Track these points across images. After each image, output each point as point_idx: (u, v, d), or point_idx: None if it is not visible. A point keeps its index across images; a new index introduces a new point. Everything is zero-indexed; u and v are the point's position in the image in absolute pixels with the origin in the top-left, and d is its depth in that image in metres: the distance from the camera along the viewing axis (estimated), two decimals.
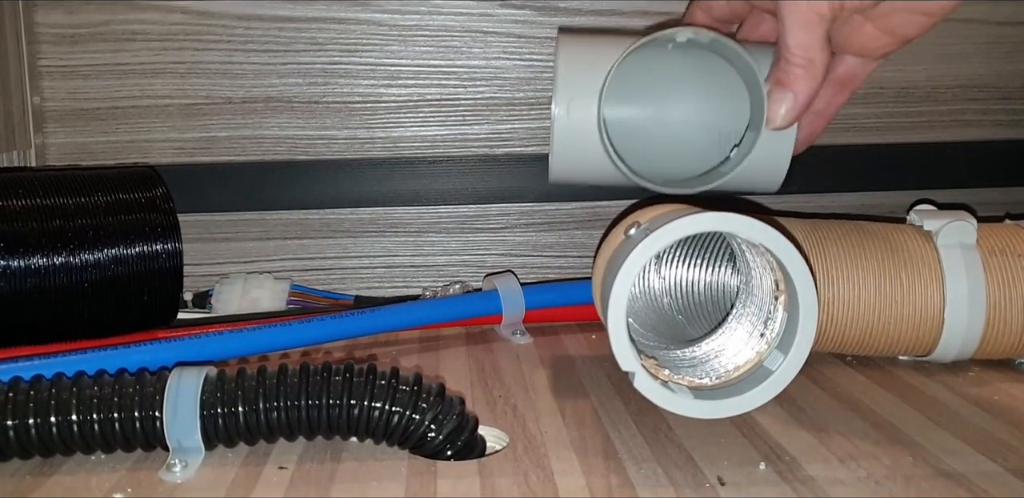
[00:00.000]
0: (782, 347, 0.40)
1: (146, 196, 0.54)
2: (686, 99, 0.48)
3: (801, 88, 0.42)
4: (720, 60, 0.47)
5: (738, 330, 0.44)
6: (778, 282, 0.41)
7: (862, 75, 0.46)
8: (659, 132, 0.48)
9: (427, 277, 0.69)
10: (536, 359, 0.54)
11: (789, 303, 0.40)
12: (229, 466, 0.39)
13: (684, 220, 0.38)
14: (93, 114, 0.65)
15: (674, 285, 0.49)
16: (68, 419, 0.38)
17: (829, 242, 0.49)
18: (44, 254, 0.48)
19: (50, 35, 0.63)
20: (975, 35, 0.68)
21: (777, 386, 0.39)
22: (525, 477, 0.37)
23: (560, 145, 0.46)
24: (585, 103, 0.45)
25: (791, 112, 0.43)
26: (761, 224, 0.38)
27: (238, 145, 0.66)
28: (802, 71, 0.42)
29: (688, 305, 0.49)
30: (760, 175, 0.47)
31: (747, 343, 0.43)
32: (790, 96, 0.42)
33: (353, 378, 0.39)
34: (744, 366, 0.42)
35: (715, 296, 0.49)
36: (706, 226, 0.38)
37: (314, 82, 0.65)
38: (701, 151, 0.48)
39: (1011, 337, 0.48)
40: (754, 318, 0.43)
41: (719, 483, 0.37)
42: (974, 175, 0.70)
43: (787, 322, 0.40)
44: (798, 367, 0.39)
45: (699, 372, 0.43)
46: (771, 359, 0.40)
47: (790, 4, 0.41)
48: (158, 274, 0.52)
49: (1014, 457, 0.39)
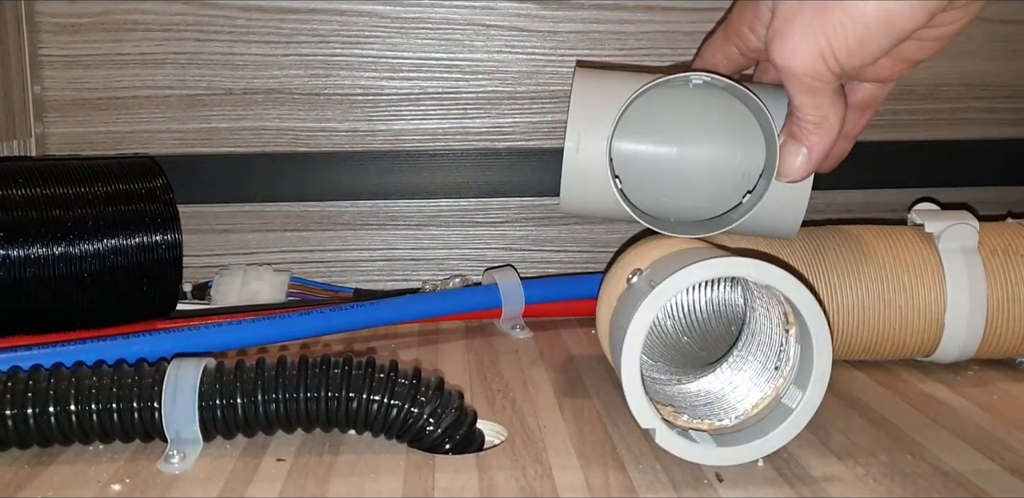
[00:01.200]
0: (799, 382, 0.39)
1: (146, 186, 0.53)
2: (707, 138, 0.47)
3: (815, 143, 0.41)
4: (739, 102, 0.47)
5: (751, 361, 0.43)
6: (787, 314, 0.40)
7: (881, 96, 0.45)
8: (678, 169, 0.47)
9: (427, 270, 0.69)
10: (535, 354, 0.54)
11: (801, 335, 0.39)
12: (227, 458, 0.39)
13: (689, 270, 0.37)
14: (94, 104, 0.64)
15: (676, 307, 0.48)
16: (67, 409, 0.38)
17: (828, 251, 0.49)
18: (44, 244, 0.48)
19: (51, 24, 0.63)
20: (980, 33, 0.68)
21: (798, 425, 0.38)
22: (523, 471, 0.37)
23: (569, 178, 0.46)
24: (595, 139, 0.45)
25: (805, 166, 0.42)
26: (767, 266, 0.37)
27: (239, 136, 0.66)
28: (815, 127, 0.41)
29: (693, 325, 0.49)
30: (774, 222, 0.46)
31: (762, 375, 0.42)
32: (804, 151, 0.41)
33: (352, 371, 0.39)
34: (762, 403, 0.41)
35: (719, 312, 0.49)
36: (712, 273, 0.37)
37: (315, 74, 0.65)
38: (720, 191, 0.47)
39: (1013, 338, 0.48)
40: (766, 348, 0.42)
41: (717, 480, 0.37)
42: (976, 173, 0.70)
43: (801, 355, 0.39)
44: (816, 405, 0.38)
45: (717, 411, 0.42)
46: (789, 396, 0.39)
47: (786, 71, 0.39)
48: (157, 265, 0.52)
49: (1012, 456, 0.39)
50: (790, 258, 0.48)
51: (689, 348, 0.49)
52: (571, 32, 0.65)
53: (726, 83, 0.44)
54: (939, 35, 0.39)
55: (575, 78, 0.46)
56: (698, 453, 0.37)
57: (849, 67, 0.38)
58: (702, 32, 0.65)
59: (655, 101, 0.47)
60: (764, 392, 0.41)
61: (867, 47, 0.37)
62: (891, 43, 0.37)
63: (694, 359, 0.48)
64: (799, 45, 0.37)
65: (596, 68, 0.48)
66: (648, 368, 0.46)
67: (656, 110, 0.47)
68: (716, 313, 0.49)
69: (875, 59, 0.38)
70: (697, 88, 0.46)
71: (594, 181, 0.45)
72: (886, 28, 0.36)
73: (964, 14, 0.38)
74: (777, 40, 0.38)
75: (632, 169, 0.48)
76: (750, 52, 0.46)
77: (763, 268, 0.37)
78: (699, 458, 0.37)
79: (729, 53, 0.46)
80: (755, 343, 0.43)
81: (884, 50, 0.37)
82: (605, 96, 0.45)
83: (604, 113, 0.45)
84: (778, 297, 0.39)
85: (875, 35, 0.36)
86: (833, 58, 0.37)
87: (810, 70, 0.38)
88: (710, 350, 0.48)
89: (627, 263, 0.45)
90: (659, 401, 0.41)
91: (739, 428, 0.40)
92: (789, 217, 0.46)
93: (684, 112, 0.47)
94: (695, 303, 0.49)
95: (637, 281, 0.41)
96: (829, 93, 0.39)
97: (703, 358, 0.47)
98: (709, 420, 0.41)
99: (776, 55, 0.39)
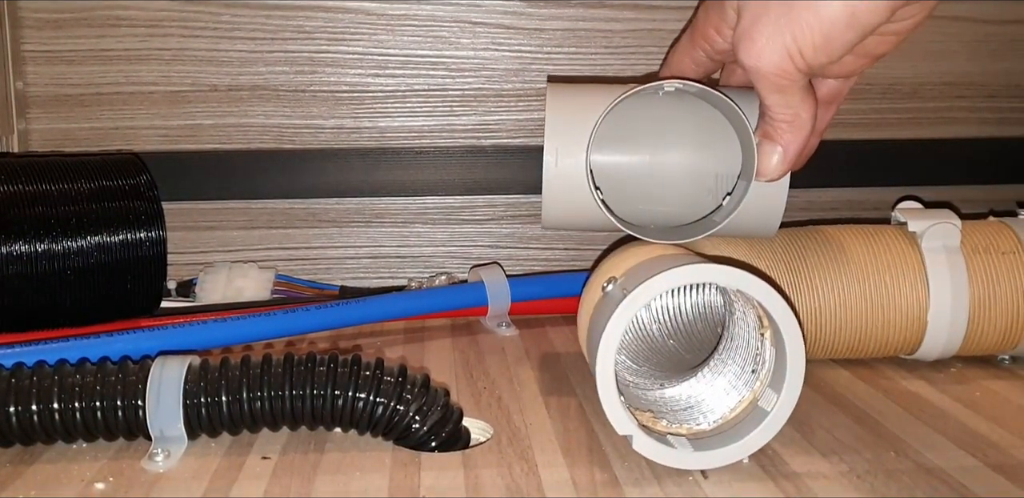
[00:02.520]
0: (774, 385, 0.39)
1: (130, 183, 0.53)
2: (681, 144, 0.48)
3: (790, 141, 0.42)
4: (711, 107, 0.47)
5: (730, 364, 0.43)
6: (761, 318, 0.40)
7: (844, 90, 0.46)
8: (655, 177, 0.48)
9: (413, 268, 0.69)
10: (521, 351, 0.54)
11: (775, 339, 0.40)
12: (212, 456, 0.39)
13: (658, 278, 0.37)
14: (77, 100, 0.64)
15: (661, 311, 0.49)
16: (49, 407, 0.38)
17: (809, 252, 0.49)
18: (26, 241, 0.48)
19: (34, 20, 0.62)
20: (962, 33, 0.68)
21: (774, 427, 0.38)
22: (509, 469, 0.37)
23: (550, 192, 0.46)
24: (573, 153, 0.45)
25: (782, 165, 0.42)
26: (737, 271, 0.37)
27: (224, 133, 0.65)
28: (788, 126, 0.41)
29: (678, 328, 0.49)
30: (755, 222, 0.47)
31: (740, 378, 0.42)
32: (779, 149, 0.42)
33: (337, 368, 0.39)
34: (739, 407, 0.41)
35: (704, 315, 0.49)
36: (681, 281, 0.38)
37: (301, 70, 0.65)
38: (697, 195, 0.48)
39: (994, 335, 0.49)
40: (744, 352, 0.42)
41: (702, 477, 0.37)
42: (959, 172, 0.70)
43: (776, 358, 0.40)
44: (792, 406, 0.38)
45: (695, 415, 0.42)
46: (765, 399, 0.39)
47: (755, 71, 0.39)
48: (141, 262, 0.52)
49: (994, 453, 0.39)
50: (771, 259, 0.49)
51: (675, 351, 0.49)
52: (557, 30, 0.65)
53: (698, 89, 0.44)
54: (899, 30, 0.40)
55: (548, 94, 0.47)
56: (675, 458, 0.38)
57: (816, 64, 0.38)
58: None
59: (628, 111, 0.47)
60: (742, 395, 0.41)
61: (833, 44, 0.37)
62: (856, 39, 0.37)
63: (680, 362, 0.48)
64: (766, 45, 0.38)
65: (568, 82, 0.48)
66: (632, 373, 0.46)
67: (630, 120, 0.48)
68: (701, 316, 0.49)
69: (841, 55, 0.38)
70: (669, 95, 0.47)
71: (575, 194, 0.46)
72: (851, 25, 0.36)
73: (923, 8, 0.39)
74: (744, 41, 0.39)
75: (610, 179, 0.48)
76: (717, 55, 0.46)
77: (733, 274, 0.37)
78: (676, 463, 0.38)
79: (696, 57, 0.47)
80: (734, 347, 0.44)
81: (849, 46, 0.38)
82: (579, 110, 0.46)
83: (579, 127, 0.45)
84: (752, 301, 0.39)
85: (840, 32, 0.36)
86: (800, 56, 0.37)
87: (778, 69, 0.38)
88: (696, 352, 0.48)
89: (604, 271, 0.45)
90: (638, 408, 0.42)
91: (717, 432, 0.41)
92: (769, 216, 0.46)
93: (658, 119, 0.48)
94: (680, 306, 0.49)
95: (611, 289, 0.41)
96: (798, 91, 0.40)
97: (689, 361, 0.47)
98: (688, 424, 0.41)
99: (744, 56, 0.39)
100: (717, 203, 0.48)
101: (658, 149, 0.48)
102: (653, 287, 0.37)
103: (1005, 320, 0.48)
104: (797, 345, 0.38)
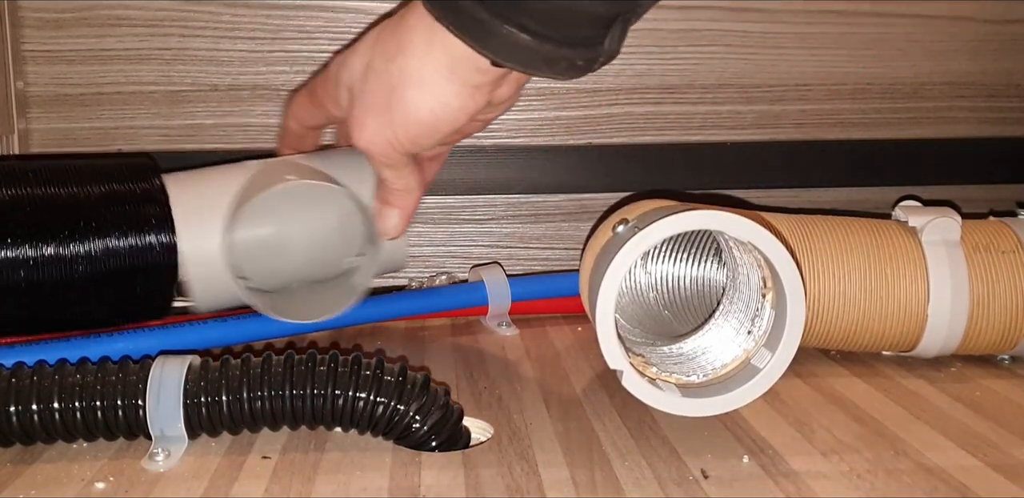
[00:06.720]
0: (769, 345, 0.40)
1: (141, 187, 0.53)
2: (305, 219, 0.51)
3: (404, 204, 0.48)
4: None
5: (725, 327, 0.44)
6: (765, 279, 0.41)
7: (447, 151, 0.52)
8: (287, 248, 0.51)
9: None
10: (522, 351, 0.54)
11: (776, 300, 0.40)
12: (212, 455, 0.39)
13: (672, 218, 0.38)
14: (77, 100, 0.64)
15: (661, 280, 0.49)
16: (50, 407, 0.38)
17: (815, 237, 0.49)
18: (33, 245, 0.47)
19: (34, 19, 0.62)
20: (963, 33, 0.68)
21: (765, 384, 0.39)
22: (509, 469, 0.37)
23: (194, 279, 0.48)
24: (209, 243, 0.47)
25: (400, 225, 0.49)
26: (749, 222, 0.38)
27: (224, 133, 0.65)
28: (401, 192, 0.48)
29: (675, 300, 0.50)
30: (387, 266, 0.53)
31: (734, 340, 0.43)
32: (396, 212, 0.48)
33: (338, 368, 0.39)
34: (732, 363, 0.42)
35: (701, 291, 0.50)
36: (694, 224, 0.38)
37: (302, 70, 0.65)
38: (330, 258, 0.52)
39: (993, 333, 0.49)
40: (741, 315, 0.43)
41: (703, 476, 0.37)
42: (960, 172, 0.71)
43: (775, 319, 0.40)
44: (785, 365, 0.39)
45: (687, 369, 0.43)
46: (759, 357, 0.40)
47: (367, 152, 0.45)
48: (152, 267, 0.51)
49: (994, 452, 0.39)
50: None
51: (668, 321, 0.50)
52: None
53: (310, 185, 0.47)
54: (487, 118, 0.47)
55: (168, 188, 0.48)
56: (662, 400, 0.38)
57: (415, 150, 0.45)
58: (689, 30, 0.66)
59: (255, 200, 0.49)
60: (735, 354, 0.42)
61: (423, 140, 0.44)
62: (442, 137, 0.44)
63: (670, 330, 0.48)
64: (374, 135, 0.44)
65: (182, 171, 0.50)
66: (624, 330, 0.47)
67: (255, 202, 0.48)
68: (699, 292, 0.49)
69: (432, 146, 0.46)
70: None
71: (218, 277, 0.47)
72: (436, 128, 0.43)
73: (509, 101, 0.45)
74: (356, 129, 0.45)
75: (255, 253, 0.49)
76: (330, 120, 0.51)
77: (748, 226, 0.38)
78: (663, 405, 0.38)
79: (314, 113, 0.51)
80: (732, 309, 0.44)
81: (439, 140, 0.45)
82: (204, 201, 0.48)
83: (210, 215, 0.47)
84: (758, 261, 0.40)
85: (428, 132, 0.44)
86: (401, 145, 0.44)
87: (385, 153, 0.45)
88: (686, 324, 0.49)
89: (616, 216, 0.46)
90: (631, 350, 0.42)
91: (705, 385, 0.41)
92: (397, 261, 0.53)
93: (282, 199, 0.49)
94: (681, 278, 0.49)
95: (623, 230, 0.41)
96: (405, 165, 0.46)
97: (678, 330, 0.48)
98: (677, 375, 0.42)
99: (356, 140, 0.45)
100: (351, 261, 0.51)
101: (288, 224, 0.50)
102: (665, 226, 0.38)
103: (1004, 318, 0.48)
104: (798, 300, 0.39)
